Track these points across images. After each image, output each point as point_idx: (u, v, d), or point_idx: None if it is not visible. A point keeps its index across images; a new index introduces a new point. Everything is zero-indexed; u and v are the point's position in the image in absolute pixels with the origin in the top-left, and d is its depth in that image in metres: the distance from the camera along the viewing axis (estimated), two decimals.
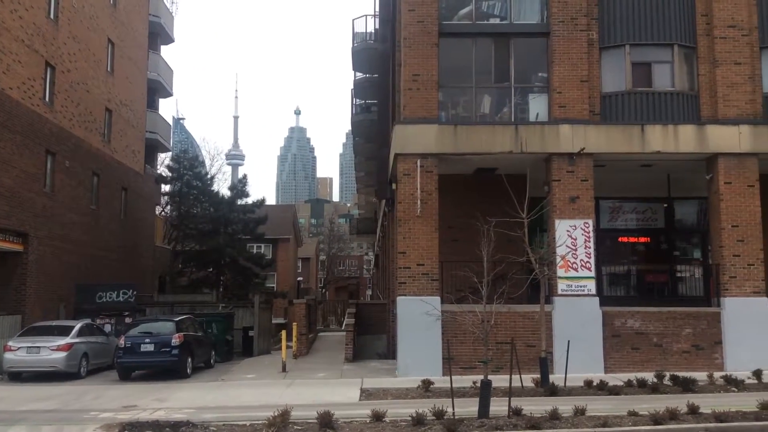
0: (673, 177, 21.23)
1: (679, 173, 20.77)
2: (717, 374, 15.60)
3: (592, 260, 18.19)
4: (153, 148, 39.05)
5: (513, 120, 19.32)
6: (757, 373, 15.22)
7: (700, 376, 15.42)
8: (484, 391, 11.66)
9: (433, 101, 18.89)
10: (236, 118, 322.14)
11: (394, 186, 20.00)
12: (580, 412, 11.52)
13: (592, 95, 19.04)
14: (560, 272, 17.85)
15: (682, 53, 19.24)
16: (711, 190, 19.01)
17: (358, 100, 35.29)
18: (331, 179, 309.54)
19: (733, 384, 14.61)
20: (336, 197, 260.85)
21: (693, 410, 11.49)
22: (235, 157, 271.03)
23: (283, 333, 21.61)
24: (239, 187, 40.41)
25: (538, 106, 19.52)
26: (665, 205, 21.83)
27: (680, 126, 18.65)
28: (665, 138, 18.56)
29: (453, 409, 11.49)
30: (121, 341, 19.32)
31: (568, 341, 16.23)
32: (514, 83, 19.56)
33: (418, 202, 18.15)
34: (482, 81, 19.67)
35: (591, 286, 18.06)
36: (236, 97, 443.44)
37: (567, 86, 18.87)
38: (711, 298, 18.78)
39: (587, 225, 18.31)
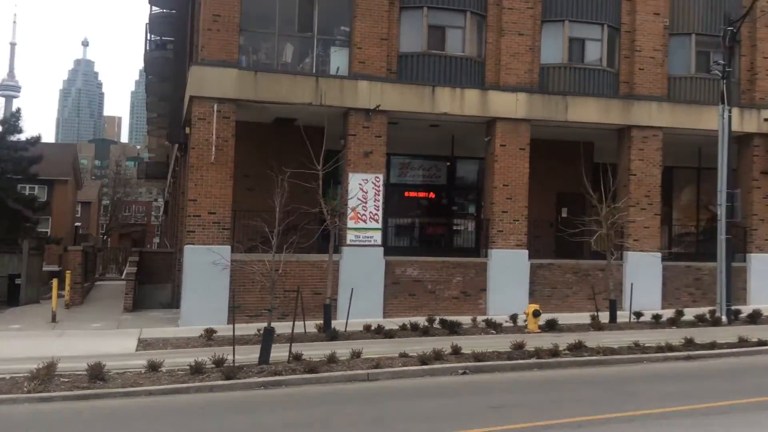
0: (457, 137, 22.74)
1: (463, 134, 22.29)
2: (480, 318, 17.27)
3: (380, 213, 19.07)
4: None
5: (314, 71, 19.40)
6: (513, 317, 17.12)
7: (466, 319, 16.99)
8: (266, 338, 11.90)
9: (234, 44, 18.37)
10: (13, 45, 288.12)
11: (188, 130, 19.29)
12: (356, 355, 12.21)
13: (391, 53, 19.66)
14: (350, 223, 18.49)
15: (474, 20, 20.45)
16: (488, 152, 20.68)
17: (153, 36, 33.22)
18: (120, 119, 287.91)
19: (492, 327, 16.28)
20: (125, 138, 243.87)
21: (456, 351, 12.66)
22: (9, 88, 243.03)
23: (55, 281, 20.24)
24: (11, 121, 36.43)
25: (339, 59, 19.75)
26: (448, 164, 23.40)
27: (467, 90, 19.94)
28: (453, 100, 19.75)
29: (234, 357, 11.61)
30: None
31: (352, 289, 16.99)
32: (318, 34, 19.57)
33: (213, 148, 17.69)
34: (286, 29, 19.45)
35: (377, 237, 18.97)
36: (15, 21, 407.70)
37: (367, 42, 19.29)
38: (481, 250, 20.60)
39: (378, 179, 19.09)
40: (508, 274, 19.63)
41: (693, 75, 21.96)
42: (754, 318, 17.84)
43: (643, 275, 20.34)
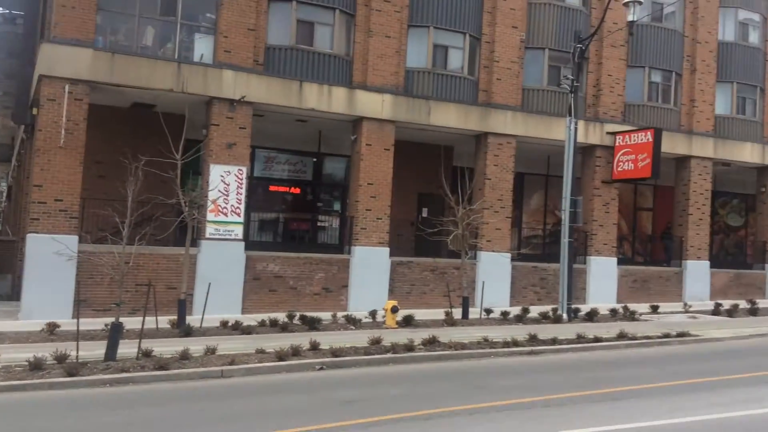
0: (324, 134, 22.80)
1: (330, 131, 22.38)
2: (341, 314, 17.47)
3: (243, 206, 18.74)
4: None
5: (177, 57, 18.72)
6: (373, 313, 17.46)
7: (327, 316, 17.11)
8: (114, 333, 11.36)
9: (90, 23, 17.36)
10: None
11: (35, 111, 17.94)
12: (210, 351, 11.94)
13: (258, 45, 19.37)
14: (210, 216, 18.03)
15: (343, 18, 20.58)
16: (354, 150, 20.92)
17: (2, 9, 30.61)
18: None
19: (352, 323, 16.51)
20: None
21: (314, 346, 12.71)
22: None
23: None
24: None
25: (203, 47, 19.17)
26: (315, 160, 23.40)
27: (334, 87, 20.03)
28: (320, 97, 19.78)
29: (78, 353, 10.98)
30: None
31: (209, 284, 16.55)
32: (181, 19, 18.88)
33: (63, 131, 16.63)
34: (147, 11, 18.59)
35: (239, 231, 18.63)
36: None
37: (234, 32, 18.88)
38: (344, 247, 20.81)
39: (241, 172, 18.74)
40: (369, 271, 19.96)
41: (545, 88, 23.39)
42: (592, 316, 19.27)
43: (494, 274, 21.44)
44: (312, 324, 15.83)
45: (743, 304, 22.34)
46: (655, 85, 25.64)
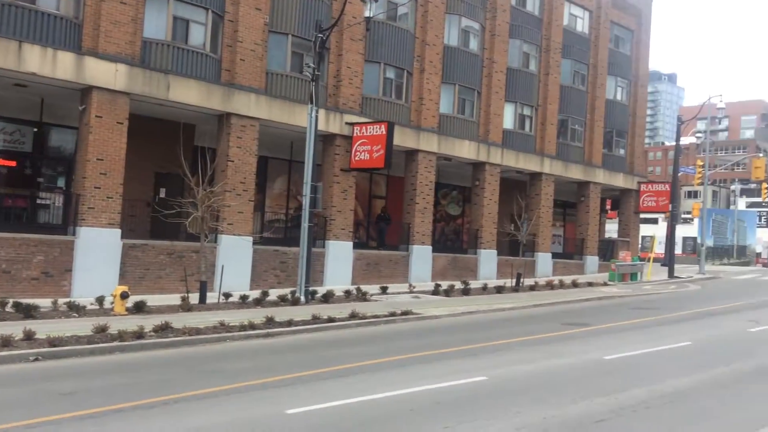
0: (49, 102, 20.62)
1: (55, 99, 20.31)
2: (62, 300, 15.99)
3: None
4: None
5: None
6: (100, 300, 16.27)
7: (47, 302, 15.58)
8: None
9: None
10: None
11: None
12: None
13: None
14: None
15: None
16: (82, 122, 19.23)
17: None
18: None
19: (75, 310, 15.20)
20: None
21: (29, 336, 11.51)
22: None
23: None
24: None
25: None
26: (36, 130, 21.03)
27: (60, 51, 18.19)
28: (44, 60, 17.83)
29: None
30: None
31: None
32: None
33: None
34: None
35: None
36: None
37: None
38: (69, 227, 19.07)
39: None
40: (98, 254, 18.54)
41: (288, 73, 23.67)
42: (328, 298, 20.05)
43: (235, 258, 21.27)
44: (27, 311, 14.29)
45: (458, 284, 24.89)
46: (390, 81, 27.37)
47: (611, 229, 46.64)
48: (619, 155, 39.72)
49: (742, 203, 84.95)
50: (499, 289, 25.01)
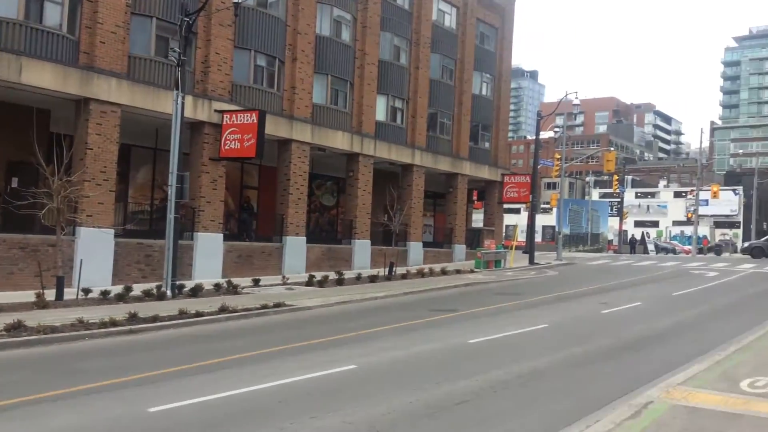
0: None
1: None
2: None
3: None
4: None
5: None
6: None
7: None
8: None
9: None
10: None
11: None
12: None
13: None
14: None
15: None
16: None
17: None
18: None
19: None
20: None
21: None
22: None
23: None
24: None
25: None
26: None
27: None
28: None
29: None
30: None
31: None
32: None
33: None
34: None
35: None
36: None
37: None
38: None
39: None
40: None
41: (153, 58, 22.66)
42: (196, 292, 19.48)
43: (95, 251, 20.17)
44: None
45: (333, 275, 25.01)
46: (261, 69, 26.91)
47: (478, 218, 48.55)
48: (484, 148, 41.36)
49: (596, 194, 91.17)
50: (373, 279, 25.40)
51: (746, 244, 54.36)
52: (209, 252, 24.33)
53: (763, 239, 52.33)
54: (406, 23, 34.72)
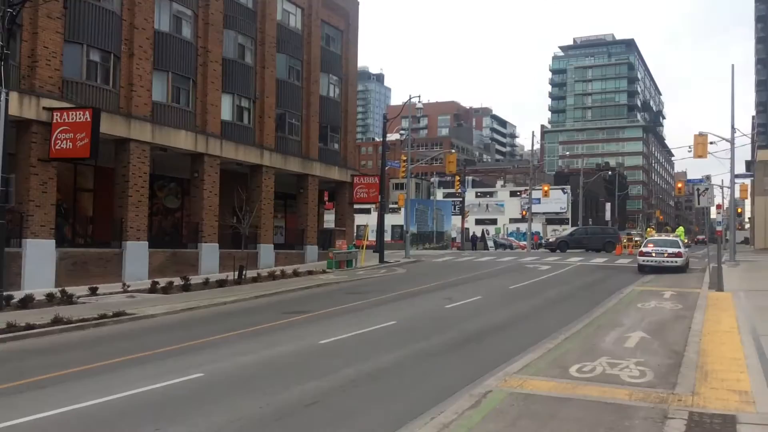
0: None
1: None
2: None
3: None
4: None
5: None
6: None
7: None
8: None
9: None
10: None
11: None
12: None
13: None
14: None
15: None
16: None
17: None
18: None
19: None
20: None
21: None
22: None
23: None
24: None
25: None
26: None
27: None
28: None
29: None
30: None
31: None
32: None
33: None
34: None
35: None
36: None
37: None
38: None
39: None
40: None
41: None
42: (26, 303, 18.01)
43: None
44: None
45: (178, 281, 24.05)
46: (94, 64, 25.30)
47: (329, 219, 48.83)
48: (334, 149, 41.68)
49: (440, 194, 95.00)
50: (222, 283, 24.75)
51: (552, 240, 56.98)
52: (40, 260, 22.55)
53: (566, 233, 56.41)
54: (250, 22, 34.16)
